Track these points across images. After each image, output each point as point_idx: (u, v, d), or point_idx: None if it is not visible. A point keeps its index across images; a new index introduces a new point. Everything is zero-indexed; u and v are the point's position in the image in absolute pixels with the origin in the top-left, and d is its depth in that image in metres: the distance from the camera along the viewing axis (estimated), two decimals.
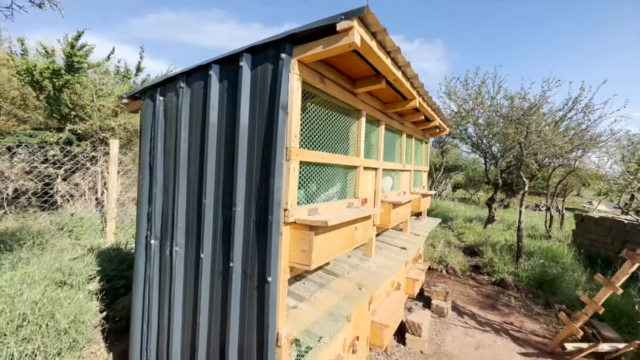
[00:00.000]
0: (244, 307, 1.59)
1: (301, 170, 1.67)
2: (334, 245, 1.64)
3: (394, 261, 2.73)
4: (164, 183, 2.01)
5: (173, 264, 1.92)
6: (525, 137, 6.19)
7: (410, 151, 3.80)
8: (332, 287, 2.01)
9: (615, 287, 3.27)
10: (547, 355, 3.57)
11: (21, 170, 6.72)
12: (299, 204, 1.64)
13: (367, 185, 2.55)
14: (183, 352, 1.90)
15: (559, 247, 7.31)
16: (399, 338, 3.69)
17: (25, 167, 6.64)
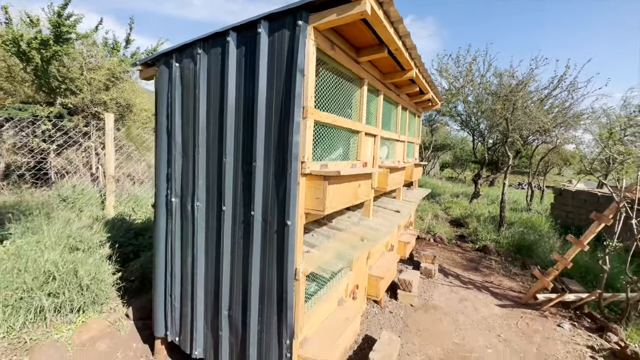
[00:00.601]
0: (264, 250, 1.83)
1: (314, 129, 1.86)
2: (342, 196, 1.87)
3: (389, 221, 3.01)
4: (183, 146, 2.17)
5: (195, 217, 2.12)
6: (511, 113, 6.48)
7: (405, 123, 4.02)
8: (338, 238, 2.27)
9: (582, 245, 3.68)
10: (521, 306, 4.03)
11: (12, 145, 6.63)
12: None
13: (367, 151, 2.77)
14: (207, 295, 2.14)
15: (537, 218, 7.84)
16: (392, 294, 4.07)
17: (17, 142, 6.56)
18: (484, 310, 3.89)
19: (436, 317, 3.66)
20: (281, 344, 1.82)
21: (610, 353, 3.05)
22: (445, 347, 3.07)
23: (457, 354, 2.98)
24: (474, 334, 3.35)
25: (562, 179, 25.27)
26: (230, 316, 2.03)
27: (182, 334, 2.32)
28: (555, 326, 3.58)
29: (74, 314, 2.85)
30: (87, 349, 2.58)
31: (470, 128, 10.70)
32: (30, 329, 2.62)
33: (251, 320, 1.91)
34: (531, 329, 3.49)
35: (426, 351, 2.99)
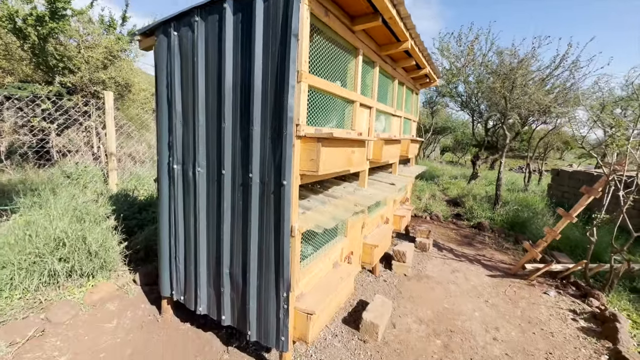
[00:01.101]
0: (262, 210, 1.94)
1: (310, 96, 1.94)
2: (335, 159, 1.97)
3: (383, 191, 3.12)
4: (184, 114, 2.25)
5: (196, 182, 2.22)
6: (510, 91, 6.47)
7: (402, 98, 4.06)
8: (332, 204, 2.38)
9: (571, 217, 3.80)
10: (511, 276, 4.21)
11: (13, 124, 6.69)
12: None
13: (362, 122, 2.84)
14: (209, 255, 2.28)
15: (533, 197, 7.97)
16: (386, 265, 4.24)
17: (18, 121, 6.61)
18: (474, 279, 4.07)
19: (428, 285, 3.84)
20: (279, 296, 1.97)
21: (591, 315, 3.24)
22: (435, 311, 3.26)
23: (446, 316, 3.17)
24: (463, 300, 3.53)
25: (563, 163, 25.28)
26: (231, 274, 2.18)
27: (186, 293, 2.48)
28: (542, 293, 3.76)
29: (84, 279, 3.02)
30: (98, 308, 2.76)
31: (470, 109, 10.66)
32: (44, 291, 2.79)
33: (251, 276, 2.05)
34: (518, 296, 3.67)
35: (417, 314, 3.17)
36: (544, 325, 3.10)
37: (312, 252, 2.35)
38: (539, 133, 13.03)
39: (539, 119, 10.18)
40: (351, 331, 2.77)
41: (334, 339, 2.65)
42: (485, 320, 3.13)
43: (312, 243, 2.39)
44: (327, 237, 2.53)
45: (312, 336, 2.01)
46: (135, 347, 2.36)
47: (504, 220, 6.43)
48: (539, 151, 15.08)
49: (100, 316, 2.67)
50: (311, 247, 2.41)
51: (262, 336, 2.10)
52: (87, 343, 2.35)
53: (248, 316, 2.11)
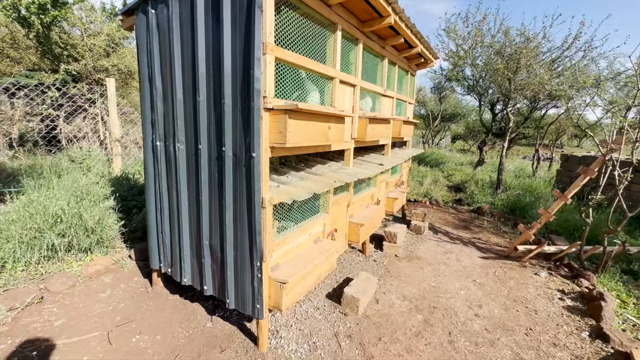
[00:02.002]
0: (236, 182, 2.00)
1: (282, 70, 1.96)
2: (307, 133, 1.99)
3: (369, 170, 3.14)
4: (163, 91, 2.31)
5: (177, 158, 2.30)
6: (514, 72, 6.26)
7: (393, 78, 4.01)
8: (311, 179, 2.42)
9: (566, 198, 3.73)
10: (503, 258, 4.20)
11: (23, 112, 6.93)
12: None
13: (345, 101, 2.84)
14: (191, 228, 2.37)
15: (537, 183, 7.80)
16: (378, 245, 4.29)
17: (27, 109, 6.85)
18: (466, 261, 4.08)
19: (418, 265, 3.87)
20: (253, 266, 2.04)
21: (579, 295, 3.22)
22: (421, 289, 3.30)
23: (431, 294, 3.21)
24: (451, 279, 3.56)
25: (581, 151, 24.43)
26: (210, 245, 2.26)
27: (173, 265, 2.60)
28: (532, 274, 3.74)
29: (82, 253, 3.19)
30: (94, 279, 2.92)
31: (477, 93, 10.37)
32: (45, 264, 2.97)
33: (228, 247, 2.13)
34: (507, 276, 3.67)
35: (402, 291, 3.22)
36: (529, 304, 3.10)
37: (290, 226, 2.41)
38: (551, 118, 12.62)
39: (549, 102, 9.85)
40: (333, 305, 2.85)
41: (315, 312, 2.74)
42: (470, 298, 3.16)
43: (290, 217, 2.45)
44: (306, 212, 2.58)
45: (286, 304, 2.09)
46: (125, 314, 2.51)
47: (504, 204, 6.35)
48: (551, 137, 14.61)
49: (95, 287, 2.83)
50: (289, 221, 2.47)
51: (240, 304, 2.20)
52: (81, 310, 2.51)
53: (226, 285, 2.20)
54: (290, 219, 2.44)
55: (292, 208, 2.43)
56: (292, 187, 2.16)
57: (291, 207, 2.42)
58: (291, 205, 2.42)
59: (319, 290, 3.09)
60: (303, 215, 2.55)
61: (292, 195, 1.98)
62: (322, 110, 2.02)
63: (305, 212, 2.58)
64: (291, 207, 2.42)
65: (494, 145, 14.67)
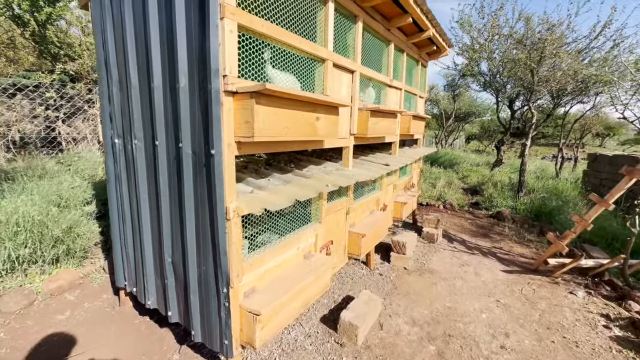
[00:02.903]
0: (196, 187, 1.59)
1: (245, 40, 1.54)
2: (285, 124, 1.56)
3: (371, 171, 2.68)
4: (119, 78, 1.93)
5: (135, 158, 1.91)
6: (538, 62, 5.66)
7: (401, 68, 3.54)
8: (298, 183, 1.99)
9: (607, 204, 3.16)
10: (531, 272, 3.64)
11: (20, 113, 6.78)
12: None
13: (342, 89, 2.40)
14: (153, 240, 1.98)
15: (564, 185, 7.12)
16: (384, 257, 3.81)
17: (25, 111, 6.70)
18: (486, 275, 3.55)
19: (430, 281, 3.37)
20: (219, 292, 1.63)
21: (629, 322, 2.65)
22: (434, 310, 2.81)
23: (446, 317, 2.71)
24: (470, 298, 3.04)
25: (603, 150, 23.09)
26: (173, 262, 1.86)
27: (137, 283, 2.21)
28: (567, 293, 3.18)
29: (50, 265, 2.85)
30: (56, 297, 2.57)
31: (494, 89, 9.71)
32: (5, 278, 2.64)
33: (190, 267, 1.72)
34: (537, 296, 3.12)
35: (411, 313, 2.74)
36: (567, 333, 2.56)
37: (273, 239, 1.98)
38: (575, 116, 11.77)
39: (574, 98, 9.11)
40: (328, 332, 2.40)
41: (305, 340, 2.29)
42: (494, 324, 2.65)
43: (273, 228, 2.02)
44: (294, 223, 2.15)
45: (261, 340, 1.66)
46: (81, 342, 2.13)
47: (527, 209, 5.73)
48: (574, 136, 13.67)
49: (54, 306, 2.47)
50: (272, 233, 2.04)
51: (206, 337, 1.78)
52: (31, 336, 2.15)
53: (191, 313, 1.80)
54: (273, 230, 2.01)
55: (274, 218, 2.00)
56: (270, 193, 1.73)
57: (273, 217, 1.99)
58: (273, 214, 1.99)
59: (313, 312, 2.65)
60: (289, 226, 2.12)
61: (266, 204, 1.55)
62: (304, 96, 1.59)
63: (292, 222, 2.15)
64: (273, 216, 1.99)
65: (512, 145, 13.87)
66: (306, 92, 1.62)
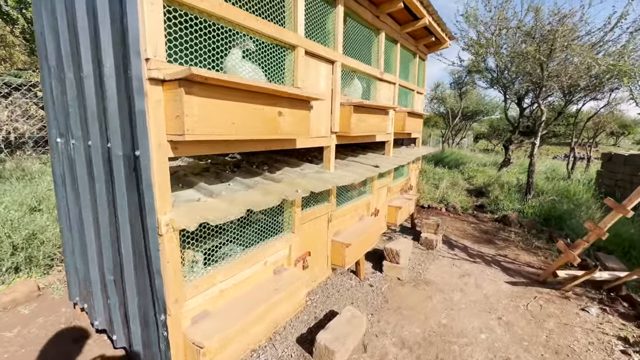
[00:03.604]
0: (129, 195, 1.34)
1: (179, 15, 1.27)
2: (232, 117, 1.29)
3: (356, 174, 2.40)
4: (56, 68, 1.69)
5: (74, 159, 1.68)
6: (548, 56, 5.28)
7: (394, 60, 3.24)
8: (262, 189, 1.72)
9: (625, 210, 2.81)
10: (538, 285, 3.30)
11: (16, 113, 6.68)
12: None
13: (320, 81, 2.12)
14: (98, 254, 1.74)
15: (576, 186, 6.70)
16: (376, 265, 3.52)
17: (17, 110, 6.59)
18: (488, 287, 3.23)
19: (426, 293, 3.07)
20: (157, 319, 1.37)
21: None
22: (427, 329, 2.51)
23: (440, 338, 2.41)
24: (468, 315, 2.74)
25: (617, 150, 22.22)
26: (114, 281, 1.62)
27: (87, 299, 1.98)
28: (579, 310, 2.84)
29: (9, 275, 2.65)
30: (8, 311, 2.36)
31: (502, 85, 9.29)
32: None
33: (128, 288, 1.48)
34: (544, 312, 2.80)
35: (401, 333, 2.45)
36: (578, 359, 2.24)
37: (235, 252, 1.72)
38: (588, 113, 11.23)
39: (587, 94, 8.63)
40: (303, 356, 2.13)
41: None
42: (494, 347, 2.34)
43: (233, 240, 1.76)
44: (260, 233, 1.89)
45: None
46: None
47: (536, 212, 5.36)
48: (587, 135, 13.08)
49: (6, 321, 2.26)
50: (234, 245, 1.78)
51: None
52: None
53: (133, 341, 1.55)
54: (237, 242, 1.75)
55: (236, 228, 1.74)
56: (222, 201, 1.47)
57: (235, 227, 1.73)
58: (235, 223, 1.73)
59: (290, 331, 2.38)
60: (255, 238, 1.86)
61: (211, 216, 1.29)
62: (257, 86, 1.32)
63: (258, 233, 1.88)
64: (234, 226, 1.73)
65: (521, 144, 13.38)
66: (260, 81, 1.35)
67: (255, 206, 1.44)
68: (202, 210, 1.34)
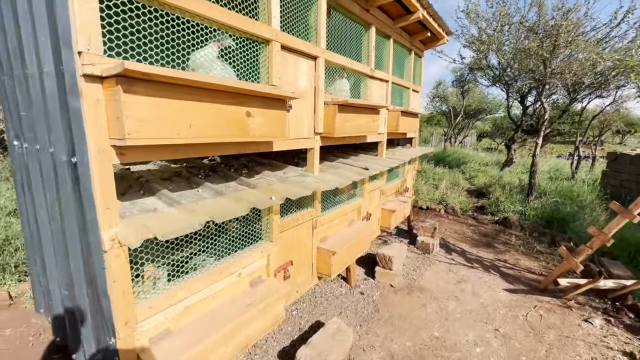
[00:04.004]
0: (75, 205, 1.21)
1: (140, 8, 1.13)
2: (187, 119, 1.15)
3: (343, 177, 2.25)
4: (7, 65, 1.56)
5: (27, 163, 1.55)
6: (551, 52, 5.08)
7: (386, 57, 3.08)
8: (233, 197, 1.58)
9: (631, 215, 2.64)
10: (539, 293, 3.14)
11: None
12: None
13: (300, 78, 1.97)
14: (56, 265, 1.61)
15: (581, 187, 6.49)
16: (370, 271, 3.37)
17: None
18: (485, 295, 3.07)
19: (419, 301, 2.92)
20: (107, 342, 1.24)
21: None
22: (418, 341, 2.36)
23: (432, 352, 2.27)
24: (463, 325, 2.59)
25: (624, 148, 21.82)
26: (69, 297, 1.49)
27: (50, 312, 1.85)
28: (581, 321, 2.68)
29: None
30: None
31: (504, 83, 9.06)
32: None
33: (81, 305, 1.34)
34: (545, 324, 2.64)
35: (390, 346, 2.30)
36: None
37: (207, 263, 1.58)
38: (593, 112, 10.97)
39: (592, 92, 8.40)
40: None
41: None
42: None
43: (202, 250, 1.63)
44: (234, 242, 1.74)
45: None
46: None
47: (538, 215, 5.18)
48: (592, 133, 12.79)
49: None
50: (206, 255, 1.64)
51: None
52: None
53: None
54: (206, 252, 1.62)
55: (204, 238, 1.60)
56: (184, 211, 1.33)
57: (202, 237, 1.59)
58: (200, 233, 1.59)
59: (271, 344, 2.25)
60: (228, 248, 1.72)
61: (161, 229, 1.15)
62: (217, 83, 1.17)
63: (232, 243, 1.74)
64: (203, 236, 1.59)
65: (524, 143, 13.12)
66: (217, 77, 1.21)
67: (218, 217, 1.31)
68: (154, 222, 1.20)
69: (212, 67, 1.51)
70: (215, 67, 1.50)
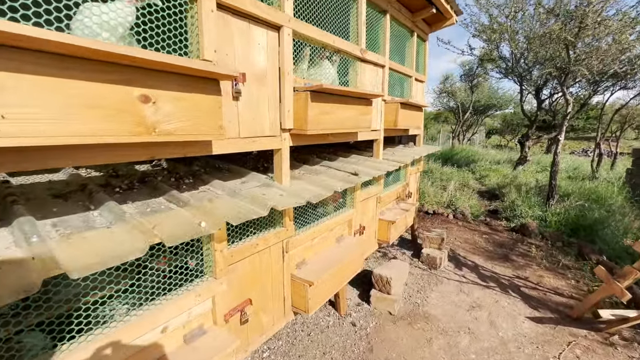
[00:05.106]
0: None
1: None
2: (31, 103, 0.64)
3: (321, 187, 1.72)
4: None
5: None
6: (576, 35, 4.44)
7: (383, 36, 2.53)
8: (135, 225, 1.07)
9: None
10: (571, 323, 2.56)
11: None
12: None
13: (256, 53, 1.45)
14: None
15: (606, 188, 5.83)
16: (364, 294, 2.84)
17: None
18: (505, 326, 2.52)
19: (424, 335, 2.38)
20: None
21: None
22: None
23: None
24: None
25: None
26: None
27: None
28: None
29: None
30: None
31: (517, 75, 8.38)
32: None
33: None
34: None
35: None
36: None
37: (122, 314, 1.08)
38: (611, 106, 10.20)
39: (615, 83, 7.67)
40: None
41: None
42: None
43: (108, 298, 1.12)
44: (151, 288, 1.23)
45: None
46: None
47: (561, 221, 4.56)
48: (611, 129, 11.95)
49: None
50: (109, 307, 1.14)
51: None
52: None
53: None
54: (117, 300, 1.11)
55: (114, 281, 1.10)
56: (27, 254, 0.82)
57: (112, 280, 1.09)
58: (111, 274, 1.08)
59: None
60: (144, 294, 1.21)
61: None
62: (72, 43, 0.65)
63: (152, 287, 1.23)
64: (111, 278, 1.08)
65: (538, 140, 12.37)
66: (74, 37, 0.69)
67: (84, 267, 0.79)
68: None
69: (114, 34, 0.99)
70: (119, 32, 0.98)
